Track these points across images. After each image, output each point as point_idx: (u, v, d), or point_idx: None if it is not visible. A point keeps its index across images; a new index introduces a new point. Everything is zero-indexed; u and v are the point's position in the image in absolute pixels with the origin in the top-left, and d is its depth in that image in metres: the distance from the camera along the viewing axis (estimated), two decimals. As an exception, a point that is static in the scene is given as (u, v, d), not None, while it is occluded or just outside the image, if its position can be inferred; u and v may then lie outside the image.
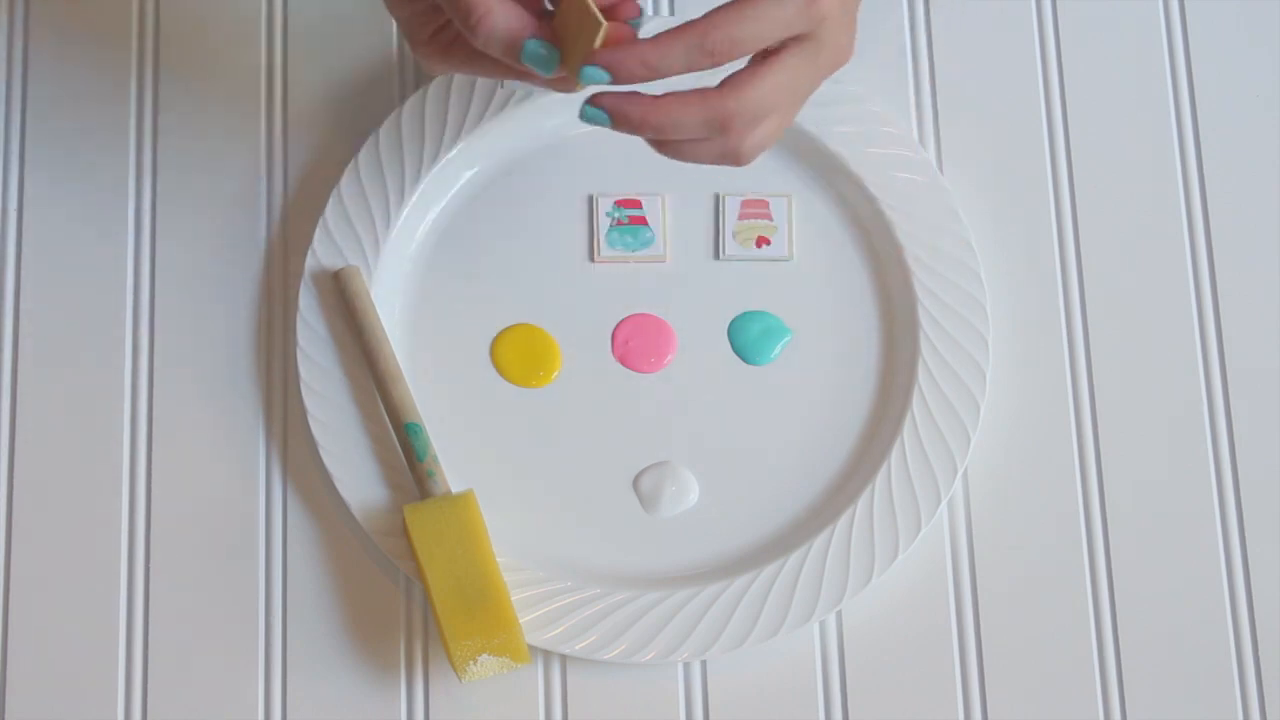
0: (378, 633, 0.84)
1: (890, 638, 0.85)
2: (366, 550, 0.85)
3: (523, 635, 0.81)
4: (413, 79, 0.91)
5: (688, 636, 0.83)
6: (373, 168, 0.88)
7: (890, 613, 0.85)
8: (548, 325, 0.88)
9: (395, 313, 0.88)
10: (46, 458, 0.86)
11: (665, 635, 0.83)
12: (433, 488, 0.83)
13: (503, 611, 0.80)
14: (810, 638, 0.85)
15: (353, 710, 0.83)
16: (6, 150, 0.90)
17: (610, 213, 0.90)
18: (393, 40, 0.92)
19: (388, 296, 0.88)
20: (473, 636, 0.80)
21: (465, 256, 0.89)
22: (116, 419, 0.86)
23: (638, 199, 0.90)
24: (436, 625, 0.81)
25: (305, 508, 0.86)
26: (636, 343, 0.88)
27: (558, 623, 0.83)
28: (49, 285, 0.88)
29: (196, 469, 0.86)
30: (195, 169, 0.90)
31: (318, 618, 0.84)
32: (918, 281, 0.88)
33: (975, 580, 0.86)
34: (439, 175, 0.89)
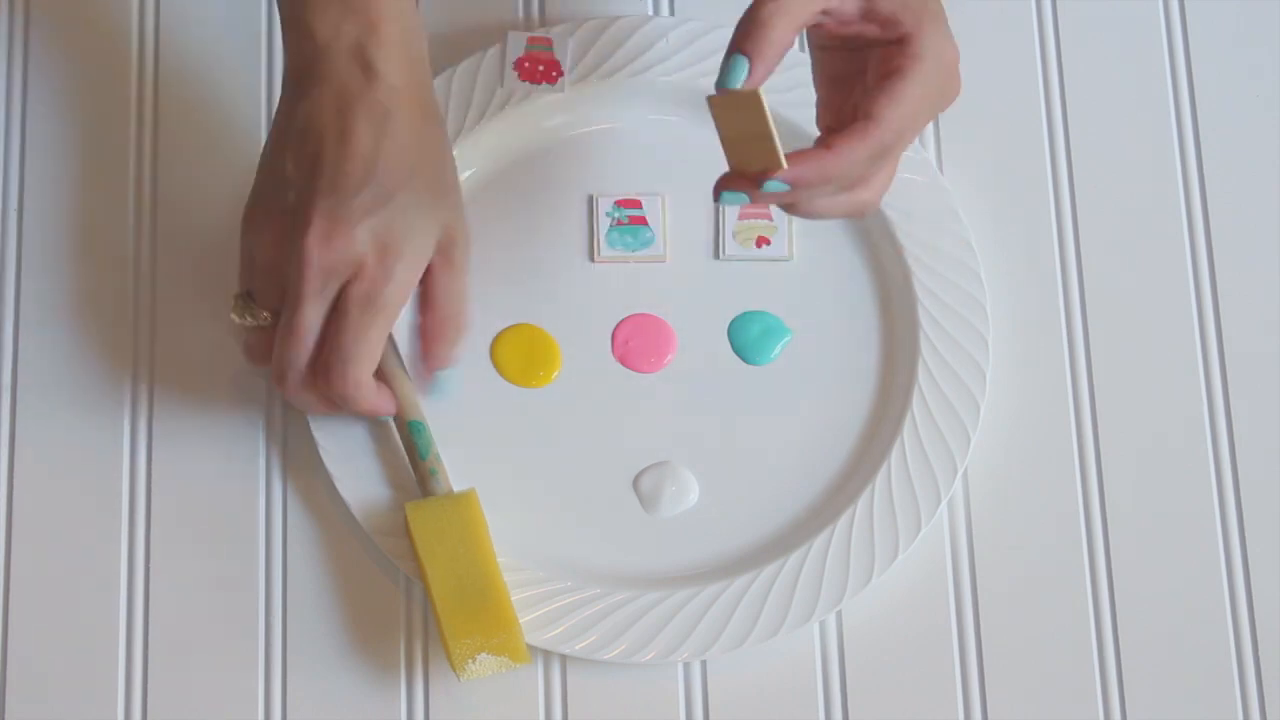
0: (378, 633, 0.84)
1: (890, 638, 0.85)
2: (366, 550, 0.85)
3: (522, 635, 0.81)
4: (413, 79, 0.91)
5: (688, 636, 0.83)
6: (373, 168, 0.88)
7: (890, 613, 0.85)
8: (548, 325, 0.88)
9: (395, 312, 0.88)
10: (46, 457, 0.86)
11: (665, 635, 0.83)
12: (435, 486, 0.83)
13: (503, 611, 0.80)
14: (810, 638, 0.85)
15: (353, 710, 0.83)
16: (6, 150, 0.90)
17: (610, 213, 0.90)
18: (393, 40, 0.92)
19: (388, 296, 0.88)
20: (472, 635, 0.80)
21: (465, 256, 0.89)
22: (117, 419, 0.86)
23: (638, 199, 0.90)
24: (436, 623, 0.81)
25: (305, 508, 0.86)
26: (636, 343, 0.88)
27: (558, 623, 0.83)
28: (49, 285, 0.88)
29: (196, 469, 0.86)
30: (196, 169, 0.90)
31: (318, 618, 0.84)
32: (918, 281, 0.88)
33: (975, 580, 0.85)
34: (439, 175, 0.89)
